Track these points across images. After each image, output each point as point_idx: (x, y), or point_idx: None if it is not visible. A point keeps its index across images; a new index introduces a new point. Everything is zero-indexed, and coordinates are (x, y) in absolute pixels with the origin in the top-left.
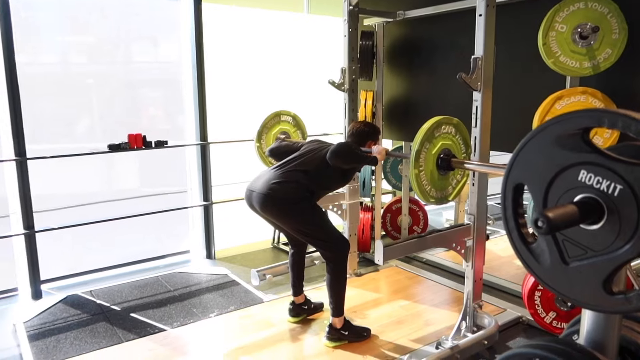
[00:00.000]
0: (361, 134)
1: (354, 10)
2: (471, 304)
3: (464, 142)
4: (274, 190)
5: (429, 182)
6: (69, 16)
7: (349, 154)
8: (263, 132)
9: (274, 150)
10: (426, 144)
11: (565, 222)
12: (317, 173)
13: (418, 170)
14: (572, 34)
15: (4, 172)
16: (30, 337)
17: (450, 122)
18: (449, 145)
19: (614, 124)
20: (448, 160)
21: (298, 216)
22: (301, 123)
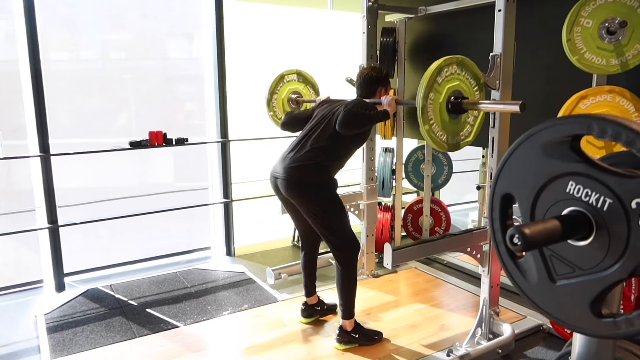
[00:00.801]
0: (369, 82)
1: (373, 6)
2: (487, 310)
3: (474, 77)
4: (295, 175)
5: (442, 131)
6: (107, 14)
7: (358, 120)
8: (272, 99)
9: (287, 123)
10: (431, 95)
11: (545, 239)
12: (333, 145)
13: (429, 125)
14: (598, 29)
15: (31, 167)
16: (49, 329)
17: (452, 61)
18: (456, 86)
19: (604, 131)
20: (459, 103)
21: (319, 201)
22: (309, 78)
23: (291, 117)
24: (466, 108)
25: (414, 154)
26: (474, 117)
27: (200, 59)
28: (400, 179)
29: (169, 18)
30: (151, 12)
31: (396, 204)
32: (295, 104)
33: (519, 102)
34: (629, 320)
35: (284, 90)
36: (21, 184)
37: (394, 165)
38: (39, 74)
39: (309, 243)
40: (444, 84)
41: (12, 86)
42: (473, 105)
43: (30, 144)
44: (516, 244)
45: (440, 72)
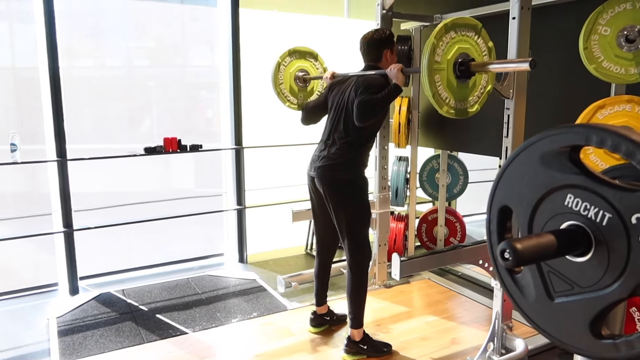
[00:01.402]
0: (374, 46)
1: (387, 14)
2: (500, 324)
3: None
4: (330, 173)
5: (449, 95)
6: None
7: (372, 109)
8: (280, 92)
9: (305, 119)
10: (437, 78)
11: (539, 255)
12: (357, 135)
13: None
14: (617, 37)
15: (48, 172)
16: (60, 332)
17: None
18: (462, 49)
19: (602, 142)
20: (467, 65)
21: (353, 197)
22: (304, 50)
23: (308, 109)
24: (474, 71)
25: (429, 163)
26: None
27: (218, 66)
28: (415, 188)
29: (192, 26)
30: (175, 21)
31: (410, 213)
32: (303, 82)
33: (529, 60)
34: (629, 342)
35: (287, 75)
36: (40, 187)
37: (407, 174)
38: (58, 81)
39: (326, 250)
40: (444, 58)
41: (31, 93)
42: (481, 67)
43: (48, 149)
44: (507, 259)
45: (435, 50)
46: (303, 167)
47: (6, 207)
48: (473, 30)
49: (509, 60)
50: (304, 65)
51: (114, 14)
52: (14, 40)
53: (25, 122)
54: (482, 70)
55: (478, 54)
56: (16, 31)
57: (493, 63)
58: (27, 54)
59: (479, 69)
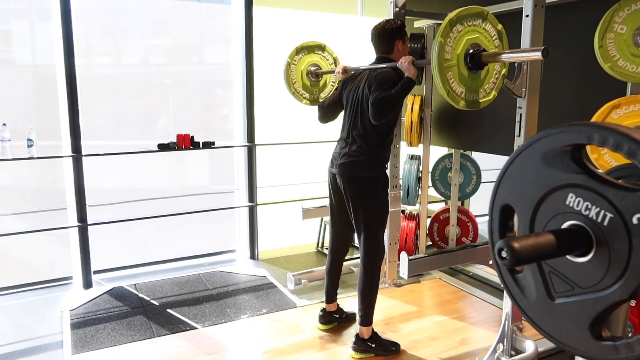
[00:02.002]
0: (385, 37)
1: (400, 12)
2: (510, 325)
3: (475, 17)
4: (351, 170)
5: (459, 85)
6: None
7: (388, 106)
8: (296, 91)
9: (321, 117)
10: (448, 74)
11: (537, 254)
12: (375, 131)
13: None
14: (633, 35)
15: (64, 168)
16: (73, 325)
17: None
18: (472, 39)
19: (605, 141)
20: (478, 56)
21: (374, 197)
22: (311, 44)
23: (324, 108)
24: (485, 61)
25: (441, 162)
26: (496, 76)
27: (232, 64)
28: (427, 187)
29: (208, 24)
30: (192, 19)
31: (421, 212)
32: (315, 77)
33: (541, 48)
34: (629, 345)
35: (298, 73)
36: (56, 183)
37: (419, 173)
38: (74, 78)
39: (340, 248)
40: (453, 54)
41: (49, 90)
42: (492, 57)
43: (64, 145)
44: (504, 258)
45: (444, 47)
46: (314, 164)
47: (23, 201)
48: (479, 18)
49: (521, 50)
50: (313, 60)
51: (132, 12)
52: (33, 38)
53: (42, 119)
54: (494, 61)
55: (488, 41)
56: (35, 29)
57: (504, 53)
58: (45, 52)
59: (490, 60)
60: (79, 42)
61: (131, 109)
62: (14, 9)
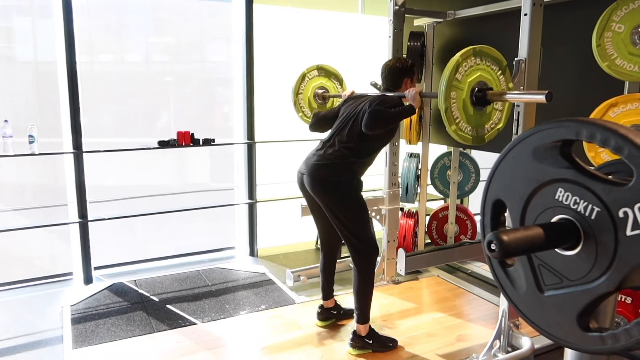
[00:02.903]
0: (394, 73)
1: (399, 10)
2: (506, 322)
3: (494, 62)
4: (321, 172)
5: (466, 123)
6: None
7: (383, 119)
8: (298, 100)
9: (314, 125)
10: (452, 94)
11: (526, 247)
12: (360, 144)
13: (456, 125)
14: (631, 34)
15: (65, 164)
16: (74, 320)
17: (468, 55)
18: (478, 77)
19: (592, 137)
20: (483, 95)
21: (341, 200)
22: (330, 70)
23: (318, 118)
24: (491, 100)
25: (440, 159)
26: (500, 112)
27: (233, 62)
28: (425, 185)
29: (210, 22)
30: (194, 17)
31: (420, 210)
32: (322, 100)
33: (545, 92)
34: (615, 335)
35: (308, 89)
36: (57, 179)
37: (418, 171)
38: (75, 75)
39: (329, 245)
40: (464, 80)
41: (50, 87)
42: (498, 96)
43: (65, 142)
44: (493, 250)
45: (458, 68)
46: None
47: (24, 197)
48: (497, 65)
49: (526, 92)
50: (327, 85)
51: (133, 10)
52: (35, 35)
53: (44, 116)
54: (499, 99)
55: (492, 76)
56: (37, 26)
57: (509, 93)
58: (47, 49)
59: (495, 99)
60: (81, 39)
61: (132, 106)
62: (16, 6)
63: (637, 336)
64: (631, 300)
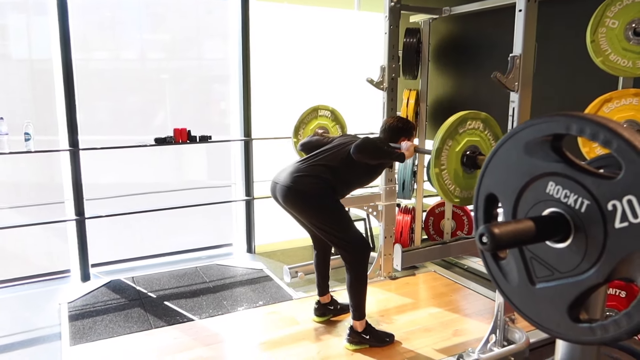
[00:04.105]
0: (393, 130)
1: (395, 6)
2: (502, 317)
3: (495, 137)
4: (295, 183)
5: (452, 181)
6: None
7: (374, 150)
8: (300, 127)
9: (305, 145)
10: (448, 141)
11: (517, 240)
12: (342, 168)
13: (439, 169)
14: (624, 30)
15: (62, 162)
16: (71, 317)
17: (478, 117)
18: (475, 141)
19: (582, 131)
20: (474, 158)
21: (317, 211)
22: (340, 118)
23: (312, 139)
24: (480, 164)
25: None
26: None
27: (230, 59)
28: (422, 181)
29: (206, 19)
30: (190, 13)
31: (417, 206)
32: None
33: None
34: (604, 326)
35: (313, 122)
36: (54, 177)
37: (415, 167)
38: (71, 72)
39: (320, 243)
40: (464, 135)
41: (46, 84)
42: None
43: (61, 140)
44: (485, 243)
45: (463, 122)
46: None
47: (21, 195)
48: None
49: None
50: (316, 124)
51: (129, 7)
52: (30, 32)
53: (39, 113)
54: None
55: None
56: (32, 23)
57: None
58: (42, 46)
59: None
60: (76, 36)
61: (129, 103)
62: (11, 3)
63: (626, 327)
64: (625, 294)
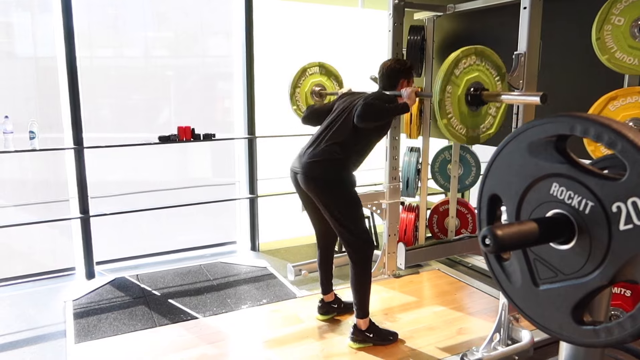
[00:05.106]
0: (391, 74)
1: (399, 4)
2: (506, 315)
3: (494, 66)
4: (314, 170)
5: (460, 123)
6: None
7: (376, 113)
8: (295, 93)
9: (307, 118)
10: (448, 89)
11: (520, 242)
12: (351, 140)
13: (447, 119)
14: (630, 27)
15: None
16: (76, 314)
17: (470, 52)
18: (475, 77)
19: (586, 132)
20: (478, 95)
21: (336, 196)
22: (331, 69)
23: (312, 111)
24: (486, 100)
25: (441, 153)
26: (496, 109)
27: (233, 56)
28: (426, 179)
29: (210, 16)
30: (193, 10)
31: (421, 204)
32: (319, 97)
33: (540, 94)
34: (608, 329)
35: (306, 84)
36: (59, 175)
37: (419, 165)
38: (75, 70)
39: (325, 240)
40: (462, 76)
41: (50, 82)
42: (493, 97)
43: (66, 137)
44: (488, 244)
45: (458, 63)
46: None
47: (26, 193)
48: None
49: (520, 94)
50: (325, 83)
51: (134, 4)
52: (35, 30)
53: (44, 111)
54: (494, 100)
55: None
56: (36, 21)
57: (504, 94)
58: (47, 44)
59: (490, 100)
60: (80, 34)
61: (133, 101)
62: (15, 1)
63: (630, 329)
64: (630, 293)
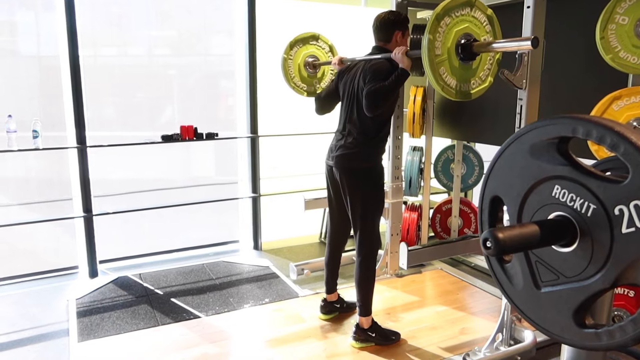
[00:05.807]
0: (385, 26)
1: (402, 2)
2: (509, 315)
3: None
4: (348, 162)
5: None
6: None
7: (381, 97)
8: (287, 65)
9: (319, 108)
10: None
11: (521, 244)
12: (371, 123)
13: (443, 83)
14: (635, 26)
15: (69, 159)
16: (79, 313)
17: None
18: (466, 29)
19: (588, 134)
20: (469, 45)
21: (369, 188)
22: (322, 37)
23: (320, 101)
24: (477, 51)
25: (443, 153)
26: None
27: (236, 55)
28: (429, 178)
29: (213, 15)
30: (196, 9)
31: (424, 203)
32: (312, 68)
33: (531, 37)
34: (610, 332)
35: (298, 57)
36: (62, 174)
37: (422, 164)
38: (78, 69)
39: (338, 239)
40: (452, 28)
41: (54, 81)
42: (484, 47)
43: (69, 136)
44: (489, 247)
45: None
46: (317, 155)
47: (29, 192)
48: (467, 7)
49: (511, 40)
50: (309, 51)
51: (137, 3)
52: (38, 28)
53: (47, 110)
54: (486, 51)
55: (479, 28)
56: (39, 20)
57: (495, 42)
58: (50, 42)
59: (482, 50)
60: (84, 32)
61: (136, 100)
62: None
63: (632, 333)
64: (634, 294)
